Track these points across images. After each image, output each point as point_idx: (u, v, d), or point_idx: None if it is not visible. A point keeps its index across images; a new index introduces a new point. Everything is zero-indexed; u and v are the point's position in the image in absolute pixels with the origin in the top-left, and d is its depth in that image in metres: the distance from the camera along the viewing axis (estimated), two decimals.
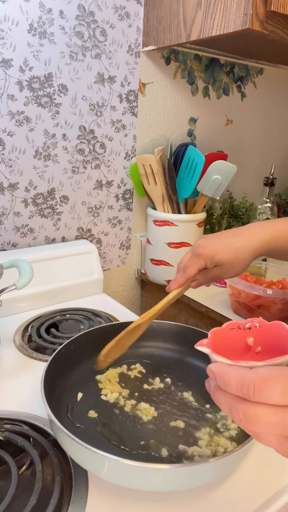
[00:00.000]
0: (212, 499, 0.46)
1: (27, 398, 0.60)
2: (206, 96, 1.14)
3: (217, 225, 1.13)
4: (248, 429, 0.31)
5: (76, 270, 0.95)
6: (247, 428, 0.31)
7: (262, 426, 0.30)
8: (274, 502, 0.46)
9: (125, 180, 1.05)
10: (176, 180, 0.98)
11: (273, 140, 1.40)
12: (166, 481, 0.41)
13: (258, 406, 0.30)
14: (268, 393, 0.29)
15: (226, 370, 0.32)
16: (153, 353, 0.68)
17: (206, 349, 0.35)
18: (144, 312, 0.61)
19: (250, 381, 0.30)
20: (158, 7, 0.91)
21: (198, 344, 0.36)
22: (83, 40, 0.87)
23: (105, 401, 0.58)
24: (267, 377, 0.30)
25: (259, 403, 0.30)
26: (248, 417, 0.30)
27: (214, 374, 0.33)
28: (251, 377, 0.30)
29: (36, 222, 0.94)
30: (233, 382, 0.31)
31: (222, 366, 0.33)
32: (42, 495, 0.43)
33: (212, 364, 0.34)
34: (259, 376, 0.30)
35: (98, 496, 0.46)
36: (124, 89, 0.97)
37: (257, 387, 0.29)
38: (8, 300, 0.81)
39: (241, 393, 0.30)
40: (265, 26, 0.75)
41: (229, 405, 0.32)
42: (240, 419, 0.31)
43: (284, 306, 0.83)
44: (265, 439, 0.30)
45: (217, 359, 0.34)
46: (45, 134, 0.89)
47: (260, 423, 0.30)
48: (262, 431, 0.30)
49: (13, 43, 0.79)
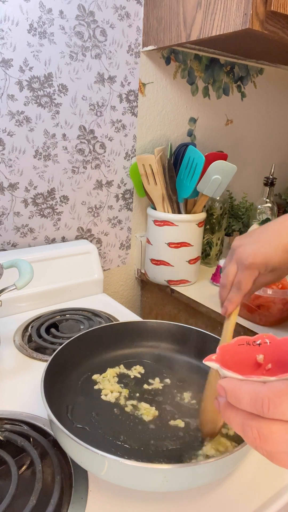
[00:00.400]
0: (212, 499, 0.46)
1: (27, 398, 0.60)
2: (206, 96, 1.14)
3: (217, 225, 1.13)
4: (262, 448, 0.29)
5: (76, 270, 0.95)
6: (261, 447, 0.29)
7: (277, 445, 0.28)
8: (274, 502, 0.46)
9: (125, 180, 1.05)
10: (176, 180, 0.98)
11: (273, 140, 1.40)
12: (166, 481, 0.41)
13: (273, 423, 0.28)
14: (283, 408, 0.27)
15: (237, 385, 0.30)
16: (153, 353, 0.68)
17: (215, 364, 0.33)
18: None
19: (264, 396, 0.28)
20: (158, 7, 0.91)
21: (207, 359, 0.34)
22: (83, 40, 0.87)
23: (105, 401, 0.58)
24: (282, 391, 0.28)
25: (273, 419, 0.28)
26: (262, 435, 0.28)
27: (224, 390, 0.31)
28: (265, 391, 0.28)
29: (36, 222, 0.94)
30: (246, 398, 0.29)
31: (233, 381, 0.31)
32: (42, 495, 0.43)
33: (222, 380, 0.32)
34: (273, 390, 0.28)
35: (98, 496, 0.46)
36: (124, 89, 0.97)
37: (271, 403, 0.28)
38: (8, 300, 0.81)
39: (254, 409, 0.29)
40: (265, 26, 0.75)
41: (241, 423, 0.30)
42: (254, 438, 0.29)
43: (284, 306, 0.83)
44: (279, 459, 0.29)
45: (228, 374, 0.32)
46: (45, 134, 0.89)
47: (274, 441, 0.28)
48: (276, 450, 0.28)
49: (13, 43, 0.79)
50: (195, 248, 1.01)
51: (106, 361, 0.65)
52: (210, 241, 1.15)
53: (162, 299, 1.10)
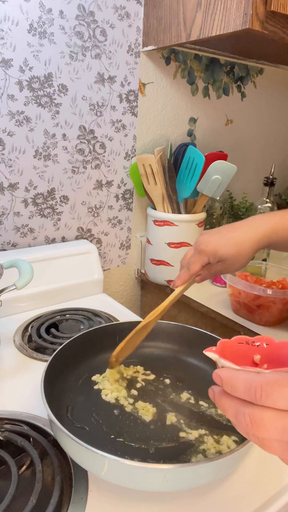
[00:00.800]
0: (212, 499, 0.46)
1: (27, 398, 0.60)
2: (206, 96, 1.14)
3: (217, 225, 1.13)
4: (253, 435, 0.30)
5: (76, 270, 0.95)
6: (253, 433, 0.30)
7: (268, 431, 0.29)
8: (274, 502, 0.46)
9: (125, 180, 1.05)
10: (176, 180, 0.98)
11: (273, 140, 1.40)
12: (166, 481, 0.41)
13: (264, 410, 0.29)
14: (275, 397, 0.29)
15: (234, 374, 0.32)
16: (153, 353, 0.68)
17: (214, 355, 0.35)
18: (145, 312, 0.61)
19: (258, 384, 0.30)
20: (158, 7, 0.91)
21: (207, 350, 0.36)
22: (83, 40, 0.87)
23: (105, 401, 0.58)
24: (275, 381, 0.29)
25: (266, 407, 0.29)
26: (254, 421, 0.29)
27: (221, 379, 0.33)
28: (258, 380, 0.30)
29: (36, 222, 0.94)
30: (241, 385, 0.31)
31: (230, 370, 0.33)
32: (42, 495, 0.43)
33: (219, 369, 0.34)
34: (266, 380, 0.30)
35: (98, 496, 0.46)
36: (124, 89, 0.97)
37: (264, 390, 0.29)
38: (8, 300, 0.81)
39: (248, 396, 0.30)
40: (265, 26, 0.75)
41: (235, 410, 0.31)
42: (246, 424, 0.30)
43: (284, 306, 0.83)
44: (270, 446, 0.30)
45: (225, 364, 0.33)
46: (45, 134, 0.89)
47: (265, 428, 0.29)
48: (267, 437, 0.29)
49: (13, 43, 0.79)
50: None
51: (106, 361, 0.65)
52: None
53: (162, 299, 1.09)
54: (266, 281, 0.89)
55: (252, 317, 0.86)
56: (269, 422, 0.29)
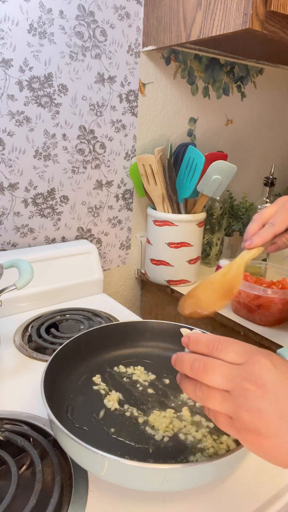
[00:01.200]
0: (212, 499, 0.46)
1: (27, 398, 0.60)
2: (206, 96, 1.14)
3: (217, 225, 1.13)
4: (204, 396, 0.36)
5: (76, 270, 0.95)
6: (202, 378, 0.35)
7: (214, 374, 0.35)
8: (274, 502, 0.46)
9: (125, 180, 1.05)
10: (176, 180, 0.98)
11: (273, 140, 1.40)
12: (166, 481, 0.41)
13: (216, 360, 0.36)
14: (228, 350, 0.35)
15: (200, 334, 0.39)
16: (153, 353, 0.68)
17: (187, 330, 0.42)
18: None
19: (217, 339, 0.36)
20: (158, 7, 0.91)
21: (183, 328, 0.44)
22: (83, 40, 0.87)
23: (104, 401, 0.58)
24: (232, 340, 0.36)
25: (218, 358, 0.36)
26: (206, 366, 0.35)
27: (189, 337, 0.39)
28: (218, 337, 0.37)
29: (36, 222, 0.94)
30: (204, 340, 0.37)
31: (198, 334, 0.39)
32: (42, 495, 0.43)
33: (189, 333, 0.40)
34: (224, 338, 0.37)
35: (98, 496, 0.46)
36: (124, 89, 0.97)
37: (221, 344, 0.36)
38: (8, 300, 0.81)
39: (207, 348, 0.36)
40: (265, 26, 0.75)
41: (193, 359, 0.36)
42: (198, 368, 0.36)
43: (284, 306, 0.83)
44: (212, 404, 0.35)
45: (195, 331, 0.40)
46: (45, 134, 0.89)
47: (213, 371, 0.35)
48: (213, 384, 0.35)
49: (13, 43, 0.79)
50: (195, 248, 1.01)
51: (106, 361, 0.65)
52: (210, 241, 1.15)
53: (162, 299, 1.10)
54: (266, 281, 0.89)
55: (252, 317, 0.86)
56: (217, 367, 0.35)
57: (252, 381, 0.33)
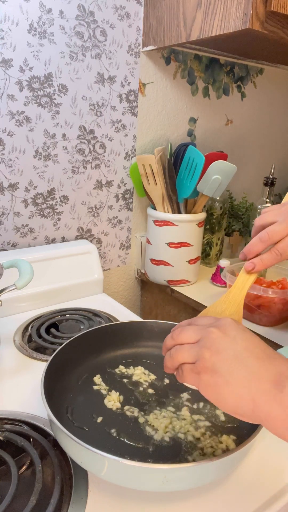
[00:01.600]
0: (212, 499, 0.46)
1: (27, 398, 0.60)
2: (206, 96, 1.14)
3: (217, 225, 1.13)
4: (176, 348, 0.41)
5: (76, 270, 0.95)
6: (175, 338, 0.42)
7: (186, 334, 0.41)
8: (274, 502, 0.46)
9: (125, 180, 1.05)
10: (176, 180, 0.98)
11: (273, 140, 1.40)
12: (166, 481, 0.41)
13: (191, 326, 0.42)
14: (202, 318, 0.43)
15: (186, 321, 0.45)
16: (153, 353, 0.68)
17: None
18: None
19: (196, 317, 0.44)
20: (158, 7, 0.91)
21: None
22: (83, 40, 0.87)
23: (105, 401, 0.58)
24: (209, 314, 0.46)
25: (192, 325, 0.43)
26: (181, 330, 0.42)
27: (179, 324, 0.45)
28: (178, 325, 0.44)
29: (36, 222, 0.94)
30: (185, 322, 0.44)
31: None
32: (42, 495, 0.43)
33: None
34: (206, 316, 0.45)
35: (98, 496, 0.46)
36: (124, 89, 0.97)
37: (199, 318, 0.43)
38: (8, 300, 0.81)
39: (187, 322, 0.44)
40: (265, 26, 0.75)
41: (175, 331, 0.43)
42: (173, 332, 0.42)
43: (284, 306, 0.83)
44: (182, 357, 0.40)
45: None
46: (45, 134, 0.89)
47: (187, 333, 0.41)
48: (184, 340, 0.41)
49: (13, 43, 0.79)
50: (195, 248, 1.01)
51: (106, 361, 0.65)
52: (210, 241, 1.15)
53: (162, 299, 1.10)
54: (266, 281, 0.89)
55: (252, 317, 0.86)
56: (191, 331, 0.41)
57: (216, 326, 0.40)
